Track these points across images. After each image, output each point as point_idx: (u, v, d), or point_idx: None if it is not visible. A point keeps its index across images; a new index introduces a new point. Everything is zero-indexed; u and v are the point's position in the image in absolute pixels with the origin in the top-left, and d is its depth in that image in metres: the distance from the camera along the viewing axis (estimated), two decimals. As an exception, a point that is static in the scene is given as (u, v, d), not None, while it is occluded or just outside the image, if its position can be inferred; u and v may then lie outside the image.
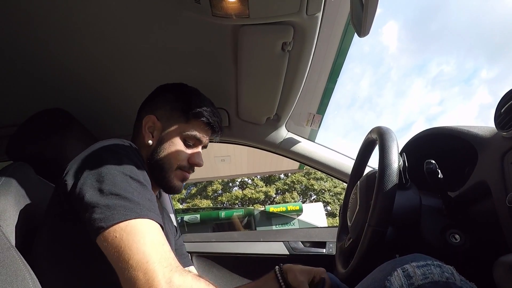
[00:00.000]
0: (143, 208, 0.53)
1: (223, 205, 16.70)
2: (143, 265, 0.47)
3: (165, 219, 0.89)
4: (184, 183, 0.81)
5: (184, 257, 0.97)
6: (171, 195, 0.82)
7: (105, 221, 0.50)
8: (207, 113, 0.79)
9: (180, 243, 1.00)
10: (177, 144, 0.77)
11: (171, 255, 0.52)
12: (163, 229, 0.55)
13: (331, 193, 17.22)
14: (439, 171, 0.65)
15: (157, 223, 0.54)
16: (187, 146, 0.78)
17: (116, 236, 0.49)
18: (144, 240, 0.49)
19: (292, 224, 9.87)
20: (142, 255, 0.48)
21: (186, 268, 0.98)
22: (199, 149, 0.81)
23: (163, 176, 0.76)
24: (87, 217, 0.51)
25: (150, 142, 0.76)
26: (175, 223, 1.26)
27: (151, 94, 0.84)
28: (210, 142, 0.86)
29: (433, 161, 0.65)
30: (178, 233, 1.03)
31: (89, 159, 0.60)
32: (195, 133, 0.78)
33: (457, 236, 0.61)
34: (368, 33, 0.69)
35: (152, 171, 0.75)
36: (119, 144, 0.63)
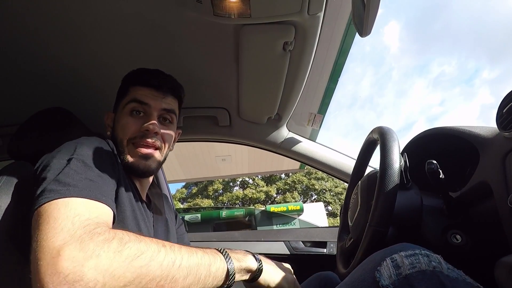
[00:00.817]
0: (72, 188, 0.49)
1: (224, 205, 16.72)
2: (38, 244, 0.42)
3: (163, 207, 0.87)
4: (148, 161, 0.73)
5: None
6: (142, 178, 0.77)
7: (34, 205, 0.48)
8: (139, 74, 0.78)
9: (181, 232, 0.96)
10: (124, 119, 0.74)
11: (87, 222, 0.45)
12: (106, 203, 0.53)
13: (332, 193, 17.21)
14: (441, 171, 0.65)
15: (84, 199, 0.49)
16: (136, 116, 0.74)
17: (34, 219, 0.47)
18: (49, 219, 0.45)
19: (292, 224, 9.88)
20: (40, 233, 0.43)
21: None
22: (153, 114, 0.74)
23: (121, 158, 0.71)
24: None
25: (108, 133, 0.79)
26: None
27: None
28: (211, 141, 0.85)
29: (435, 161, 0.64)
30: (178, 222, 0.97)
31: (49, 154, 0.60)
32: (133, 96, 0.74)
33: (458, 237, 0.61)
34: (370, 33, 0.69)
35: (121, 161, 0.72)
36: (82, 138, 0.64)
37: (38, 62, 0.96)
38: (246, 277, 0.58)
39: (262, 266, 0.60)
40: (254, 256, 0.61)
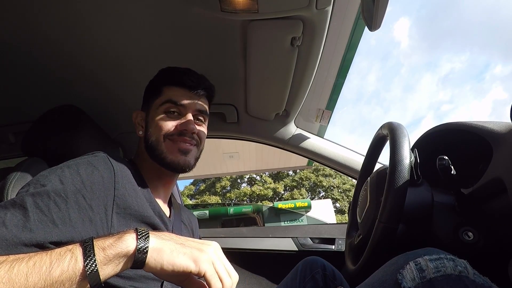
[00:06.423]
0: None
1: (232, 202, 16.81)
2: None
3: (180, 216, 0.87)
4: (188, 156, 0.74)
5: None
6: (181, 173, 0.78)
7: None
8: (173, 74, 0.78)
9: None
10: (159, 117, 0.74)
11: None
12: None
13: (340, 190, 17.13)
14: (452, 167, 0.63)
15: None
16: (171, 116, 0.75)
17: None
18: None
19: (300, 220, 9.87)
20: None
21: None
22: (188, 115, 0.76)
23: (157, 154, 0.73)
24: None
25: (141, 132, 0.78)
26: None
27: None
28: (219, 137, 0.85)
29: (446, 157, 0.63)
30: (197, 234, 0.96)
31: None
32: (169, 97, 0.75)
33: (470, 234, 0.60)
34: (379, 27, 0.68)
35: (152, 158, 0.74)
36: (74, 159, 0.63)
37: (50, 61, 0.98)
38: (127, 264, 0.44)
39: (147, 244, 0.44)
40: (139, 233, 0.46)
